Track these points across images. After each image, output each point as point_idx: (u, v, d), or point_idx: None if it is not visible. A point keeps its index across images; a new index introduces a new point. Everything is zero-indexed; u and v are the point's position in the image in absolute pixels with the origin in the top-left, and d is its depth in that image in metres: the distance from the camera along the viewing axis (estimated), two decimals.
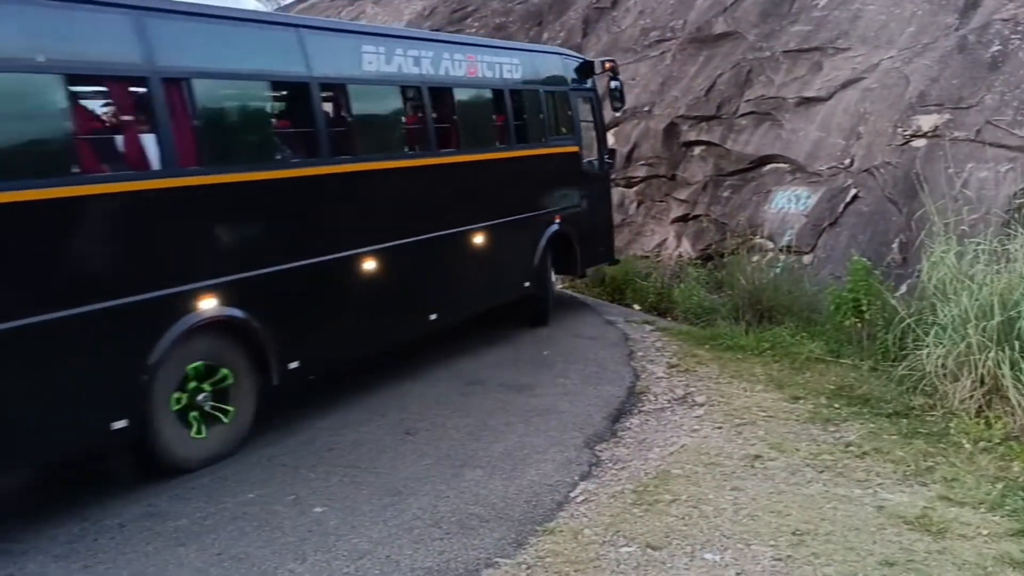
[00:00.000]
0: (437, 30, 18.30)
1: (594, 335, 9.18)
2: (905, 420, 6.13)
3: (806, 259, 10.24)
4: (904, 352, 6.86)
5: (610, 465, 5.61)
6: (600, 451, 5.85)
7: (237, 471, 5.53)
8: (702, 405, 6.74)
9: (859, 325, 7.76)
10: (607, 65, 10.37)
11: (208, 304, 5.57)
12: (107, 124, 5.54)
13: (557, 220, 9.50)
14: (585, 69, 10.35)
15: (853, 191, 10.08)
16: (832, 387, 6.94)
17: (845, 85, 10.88)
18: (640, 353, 8.35)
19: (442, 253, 7.81)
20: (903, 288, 8.35)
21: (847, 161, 10.36)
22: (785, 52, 11.86)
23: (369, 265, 6.90)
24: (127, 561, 4.40)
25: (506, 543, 4.51)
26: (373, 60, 7.16)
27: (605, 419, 6.49)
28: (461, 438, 6.08)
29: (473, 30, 17.68)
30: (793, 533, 4.50)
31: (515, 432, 6.19)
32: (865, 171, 10.05)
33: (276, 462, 5.69)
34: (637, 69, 13.99)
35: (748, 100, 11.93)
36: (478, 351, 8.47)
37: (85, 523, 4.83)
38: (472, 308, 8.60)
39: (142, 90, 5.38)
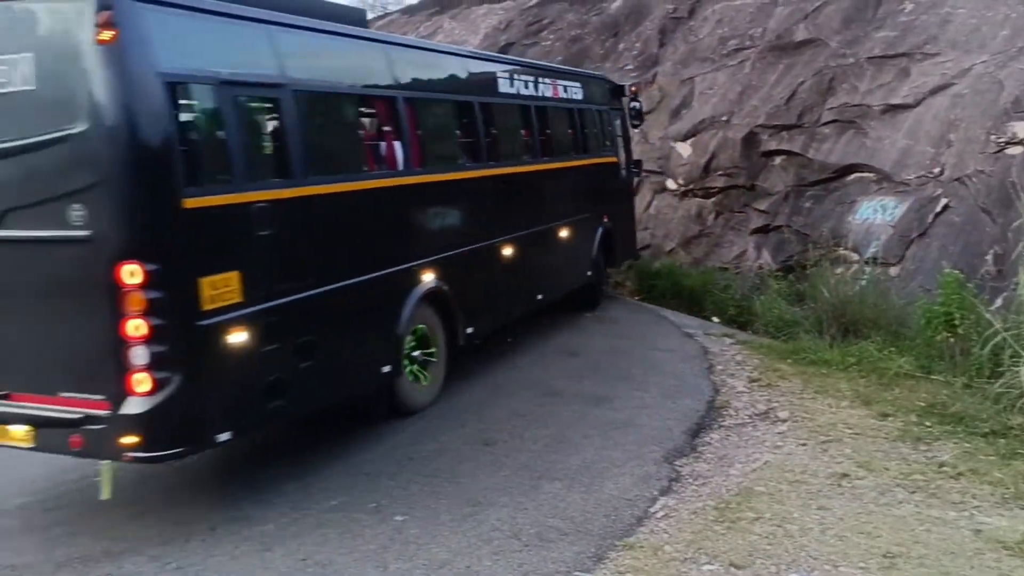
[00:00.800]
0: (512, 44, 18.46)
1: (672, 348, 9.08)
2: (1003, 440, 5.86)
3: (893, 271, 9.92)
4: (1000, 369, 6.58)
5: (690, 480, 5.53)
6: (680, 466, 5.77)
7: (321, 478, 5.65)
8: (785, 421, 6.58)
9: (951, 340, 7.45)
10: (632, 89, 12.21)
11: (428, 277, 6.98)
12: (377, 135, 6.89)
13: (605, 219, 11.02)
14: (618, 91, 12.03)
15: (943, 201, 9.73)
16: (923, 404, 6.69)
17: (934, 91, 10.54)
18: (720, 367, 8.22)
19: (545, 243, 9.35)
20: (999, 301, 8.02)
21: (937, 170, 10.02)
22: (870, 58, 11.56)
23: (508, 251, 8.40)
24: (217, 563, 4.54)
25: (585, 557, 4.49)
26: (504, 84, 8.85)
27: (684, 433, 6.40)
28: (539, 450, 6.08)
29: (548, 43, 17.76)
30: (884, 556, 4.35)
31: (593, 445, 6.16)
32: (956, 180, 9.70)
33: (358, 470, 5.79)
34: (715, 78, 13.83)
35: (831, 108, 11.66)
36: (554, 363, 8.47)
37: (178, 525, 5.01)
38: (559, 292, 9.86)
39: (394, 108, 6.86)
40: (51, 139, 4.59)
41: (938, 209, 9.75)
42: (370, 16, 30.71)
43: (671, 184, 13.81)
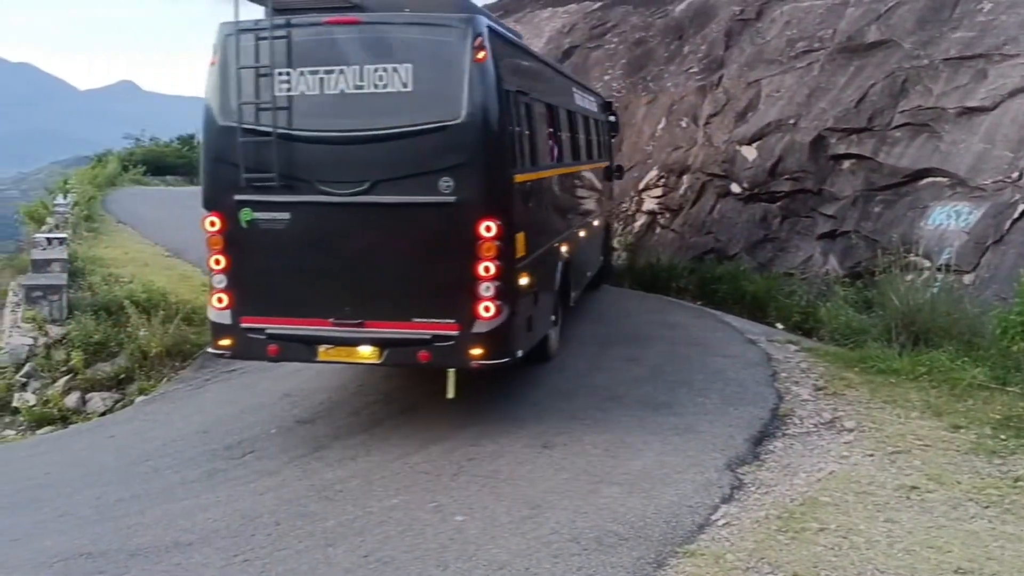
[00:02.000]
0: (575, 47, 18.46)
1: (735, 354, 8.94)
2: None
3: (967, 279, 9.61)
4: None
5: (753, 489, 5.44)
6: (742, 474, 5.69)
7: (382, 476, 5.73)
8: (852, 431, 6.43)
9: None
10: (613, 104, 14.04)
11: (564, 248, 8.65)
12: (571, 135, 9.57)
13: (606, 214, 12.86)
14: (608, 104, 13.56)
15: (1022, 207, 9.39)
16: (998, 417, 6.47)
17: (1013, 94, 10.18)
18: (784, 374, 8.07)
19: (593, 229, 11.12)
20: None
21: (1015, 175, 9.67)
22: (945, 60, 11.22)
23: (582, 233, 10.16)
24: (282, 557, 4.64)
25: (645, 563, 4.46)
26: (576, 97, 10.58)
27: (747, 441, 6.30)
28: (598, 454, 6.06)
29: (612, 46, 17.70)
30: (955, 571, 4.22)
31: (653, 450, 6.11)
32: None
33: (418, 469, 5.86)
34: (782, 81, 13.60)
35: (903, 111, 11.35)
36: (614, 368, 8.42)
37: (244, 519, 5.14)
38: (595, 271, 11.82)
39: (571, 118, 9.69)
40: (428, 129, 6.19)
41: (1016, 215, 9.41)
42: None
43: (735, 188, 13.62)
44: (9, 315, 11.04)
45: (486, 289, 6.23)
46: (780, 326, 10.68)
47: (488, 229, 6.20)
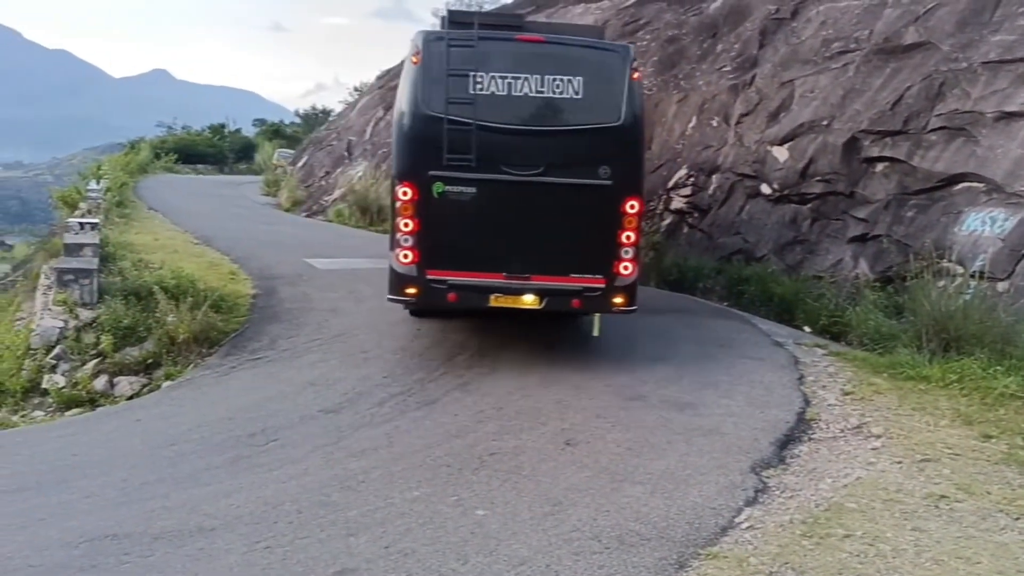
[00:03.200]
0: None
1: (761, 356, 8.87)
2: None
3: (1001, 286, 9.43)
4: None
5: (778, 493, 5.39)
6: (767, 477, 5.63)
7: (403, 469, 5.74)
8: (879, 437, 6.35)
9: None
10: None
11: None
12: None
13: None
14: None
15: None
16: None
17: None
18: (811, 378, 7.99)
19: None
20: None
21: None
22: (985, 63, 11.00)
23: None
24: (304, 545, 4.66)
25: (667, 564, 4.43)
26: None
27: (772, 444, 6.25)
28: (621, 453, 6.03)
29: (645, 43, 17.58)
30: None
31: (677, 451, 6.07)
32: None
33: (440, 463, 5.86)
34: (816, 81, 13.42)
35: (939, 115, 11.15)
36: (639, 367, 8.38)
37: (267, 506, 5.16)
38: None
39: None
40: (592, 128, 8.06)
41: None
42: None
43: (765, 189, 13.48)
44: (41, 298, 11.19)
45: (626, 252, 8.17)
46: (808, 329, 10.57)
47: (632, 207, 8.13)
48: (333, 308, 10.90)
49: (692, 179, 14.90)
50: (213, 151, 42.05)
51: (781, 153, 13.36)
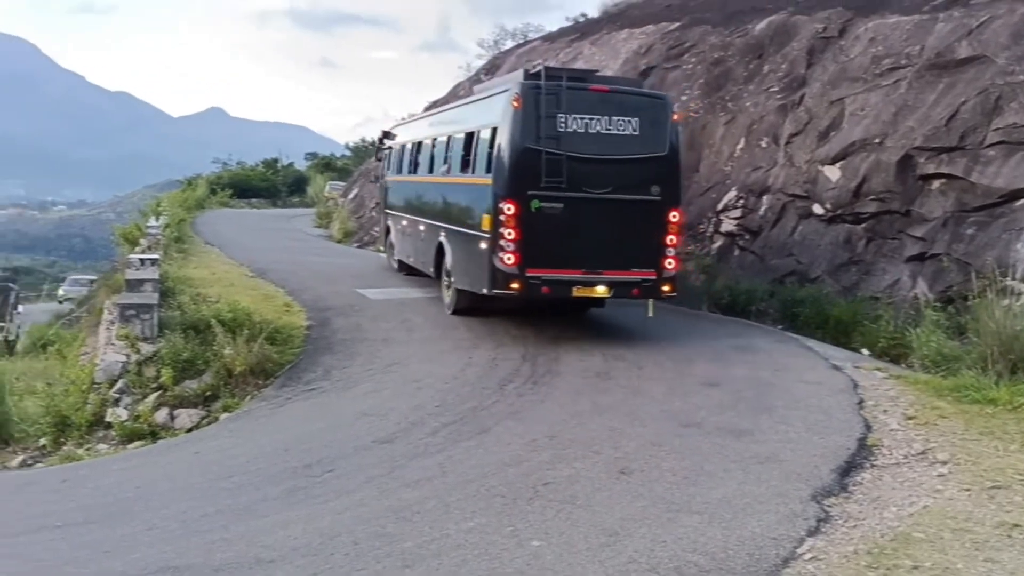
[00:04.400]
0: (653, 67, 18.36)
1: (819, 380, 8.68)
2: None
3: None
4: None
5: (840, 522, 5.24)
6: (829, 506, 5.49)
7: (458, 499, 5.73)
8: (945, 463, 6.15)
9: None
10: None
11: None
12: None
13: None
14: None
15: None
16: None
17: None
18: (871, 402, 7.79)
19: None
20: None
21: None
22: None
23: None
24: None
25: None
26: None
27: (833, 472, 6.09)
28: (677, 481, 5.94)
29: (690, 66, 17.54)
30: None
31: (734, 479, 5.96)
32: None
33: (494, 492, 5.84)
34: (867, 99, 13.23)
35: (997, 129, 10.89)
36: (692, 393, 8.28)
37: (323, 537, 5.20)
38: None
39: None
40: (647, 158, 10.39)
41: None
42: (510, 44, 31.49)
43: (818, 209, 13.29)
44: (104, 333, 11.51)
45: (670, 252, 10.46)
46: (866, 352, 10.33)
47: (674, 217, 10.49)
48: (385, 338, 11.01)
49: (742, 201, 14.76)
50: (266, 185, 42.99)
51: (833, 172, 13.17)
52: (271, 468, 6.74)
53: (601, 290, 10.38)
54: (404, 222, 15.48)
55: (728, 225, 14.81)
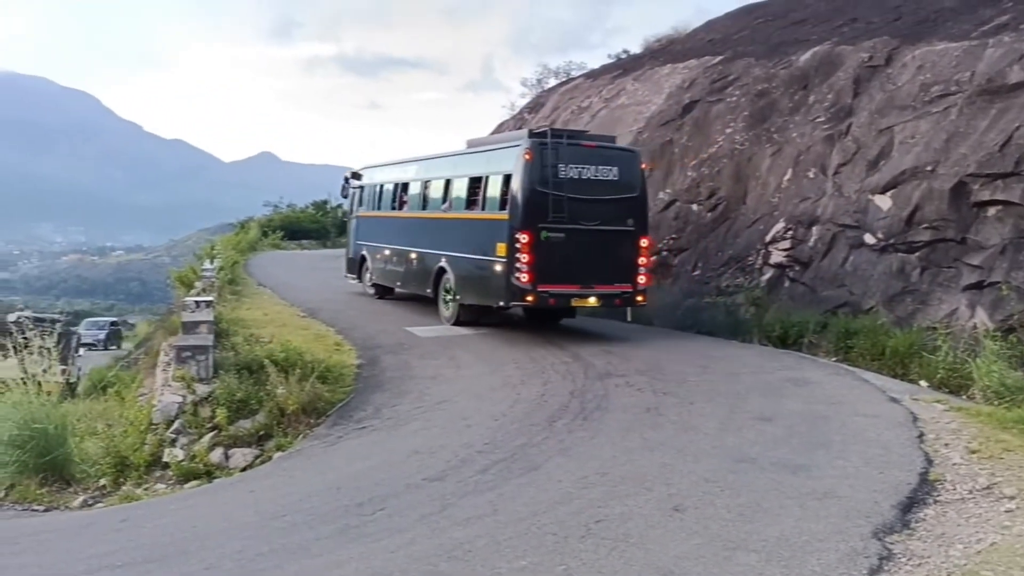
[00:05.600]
0: (696, 101, 18.38)
1: (876, 413, 8.48)
2: None
3: None
4: None
5: (904, 560, 5.08)
6: (891, 543, 5.33)
7: (509, 537, 5.70)
8: (1012, 498, 5.94)
9: None
10: None
11: None
12: None
13: None
14: None
15: None
16: None
17: None
18: (932, 435, 7.57)
19: None
20: None
21: None
22: None
23: None
24: None
25: None
26: None
27: (894, 508, 5.92)
28: (732, 518, 5.83)
29: (734, 99, 17.52)
30: None
31: (791, 516, 5.83)
32: None
33: (546, 531, 5.79)
34: (916, 127, 13.06)
35: None
36: (745, 428, 8.14)
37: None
38: None
39: None
40: (624, 198, 13.12)
41: None
42: (553, 82, 31.81)
43: (869, 239, 13.08)
44: (161, 374, 11.78)
45: (642, 269, 13.23)
46: (924, 383, 10.08)
47: (644, 242, 13.37)
48: (434, 376, 11.07)
49: (791, 232, 14.60)
50: (316, 226, 43.71)
51: (884, 201, 12.98)
52: (324, 507, 6.79)
53: (593, 301, 13.13)
54: (387, 251, 17.57)
55: (777, 256, 14.65)
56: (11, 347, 11.37)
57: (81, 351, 30.68)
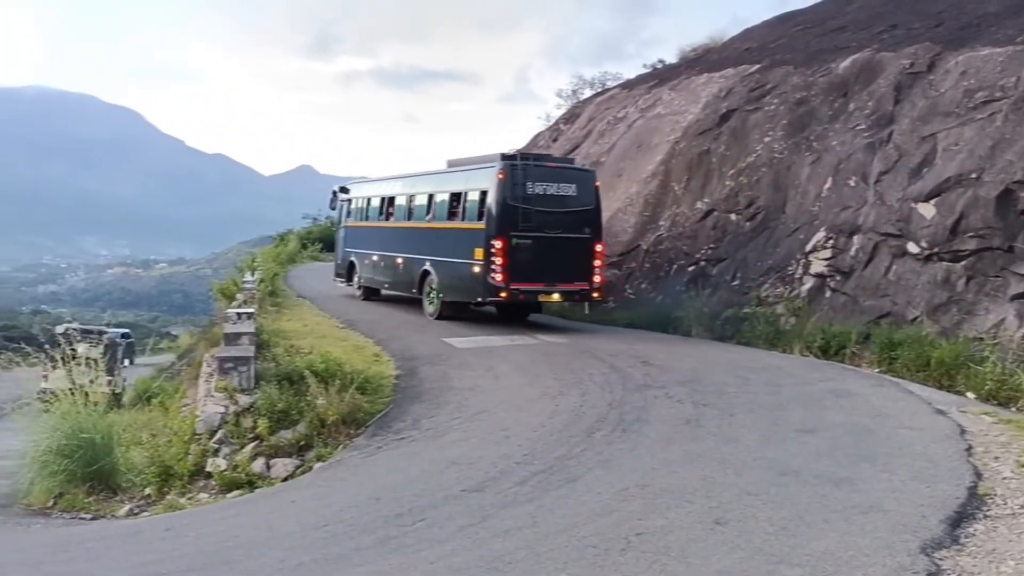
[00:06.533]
0: (733, 110, 18.25)
1: (922, 425, 8.32)
2: None
3: None
4: None
5: None
6: (940, 559, 5.21)
7: (549, 549, 5.68)
8: None
9: None
10: None
11: None
12: None
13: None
14: None
15: None
16: None
17: None
18: (980, 448, 7.40)
19: None
20: None
21: None
22: None
23: None
24: None
25: None
26: None
27: (942, 522, 5.79)
28: (775, 532, 5.74)
29: (772, 107, 17.37)
30: None
31: (836, 530, 5.73)
32: None
33: (586, 543, 5.76)
34: (961, 134, 12.83)
35: None
36: (787, 440, 8.04)
37: None
38: None
39: None
40: (581, 210, 15.43)
41: None
42: (588, 93, 31.82)
43: (913, 248, 12.86)
44: (203, 385, 11.97)
45: (598, 269, 15.51)
46: (971, 395, 9.87)
47: (597, 246, 15.57)
48: (472, 386, 11.09)
49: (831, 241, 14.41)
50: None
51: (927, 210, 12.77)
52: (364, 517, 6.83)
53: (556, 296, 15.60)
54: (375, 257, 19.85)
55: (818, 266, 14.46)
56: (60, 358, 11.63)
57: (126, 362, 31.26)
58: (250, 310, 13.81)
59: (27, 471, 9.76)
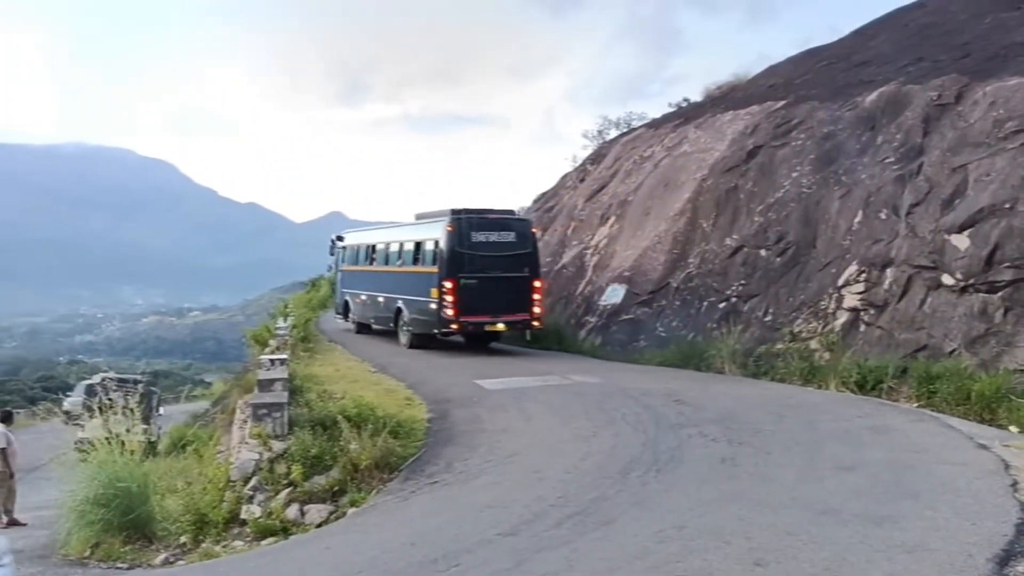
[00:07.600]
0: (760, 147, 18.26)
1: (964, 461, 8.12)
2: None
3: None
4: None
5: None
6: None
7: None
8: None
9: None
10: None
11: None
12: None
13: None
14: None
15: None
16: None
17: None
18: None
19: None
20: None
21: None
22: None
23: None
24: None
25: None
26: None
27: (990, 561, 5.62)
28: (817, 573, 5.61)
29: (799, 143, 17.36)
30: None
31: (880, 570, 5.58)
32: None
33: None
34: (992, 164, 12.71)
35: None
36: (826, 477, 7.88)
37: None
38: None
39: None
40: (520, 254, 18.67)
41: None
42: (614, 133, 32.03)
43: (947, 279, 12.69)
44: (238, 431, 12.06)
45: (536, 302, 18.52)
46: (1014, 429, 9.63)
47: (536, 283, 18.66)
48: (504, 428, 11.05)
49: (864, 275, 14.27)
50: None
51: (961, 241, 12.62)
52: (398, 563, 6.79)
53: (501, 326, 18.46)
54: (363, 296, 23.21)
55: (851, 300, 14.30)
56: (96, 408, 11.80)
57: (161, 410, 31.54)
58: (283, 356, 13.94)
59: (65, 521, 9.87)
